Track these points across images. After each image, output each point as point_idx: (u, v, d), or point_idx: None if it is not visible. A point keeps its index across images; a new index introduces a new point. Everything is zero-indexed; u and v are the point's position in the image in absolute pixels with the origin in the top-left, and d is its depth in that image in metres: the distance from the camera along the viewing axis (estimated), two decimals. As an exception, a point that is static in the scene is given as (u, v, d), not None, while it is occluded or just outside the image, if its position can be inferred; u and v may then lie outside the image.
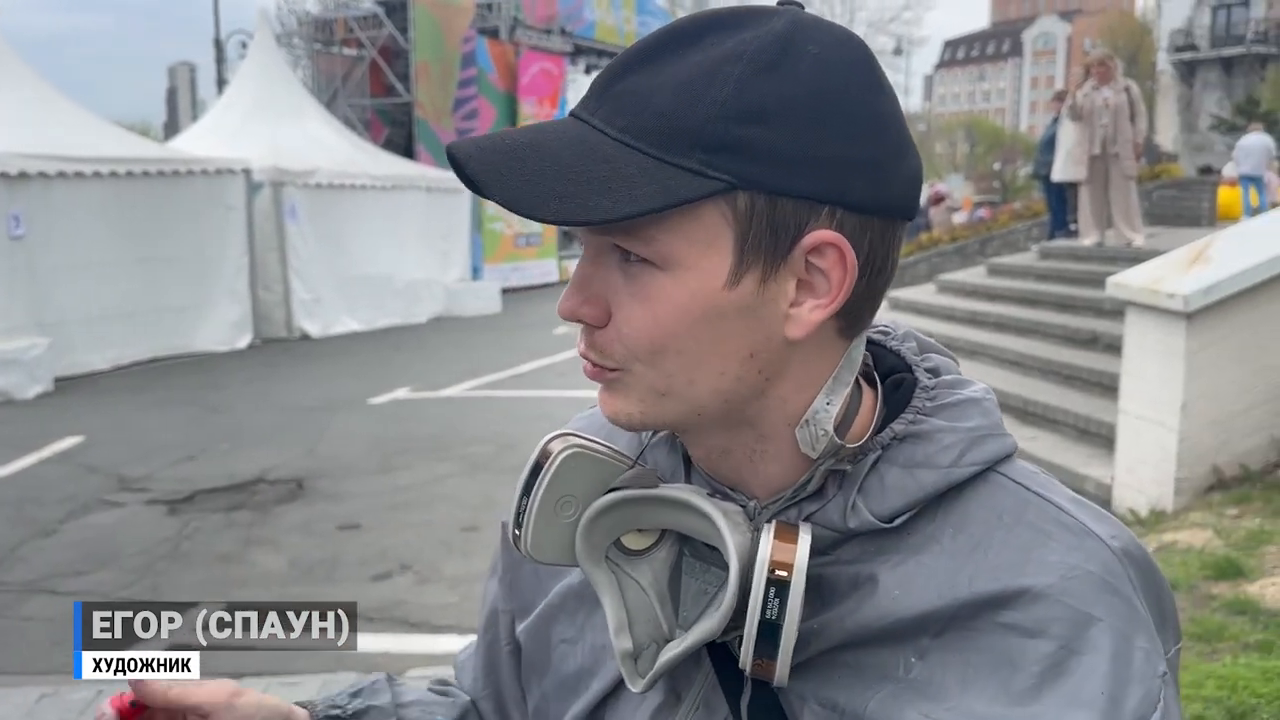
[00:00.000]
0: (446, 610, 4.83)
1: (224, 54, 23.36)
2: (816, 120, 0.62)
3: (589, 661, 0.80)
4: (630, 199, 0.60)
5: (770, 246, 0.63)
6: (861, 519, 0.67)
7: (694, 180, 0.61)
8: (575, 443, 0.73)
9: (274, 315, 14.05)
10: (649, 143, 0.62)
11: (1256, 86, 40.50)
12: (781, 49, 0.62)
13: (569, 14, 22.57)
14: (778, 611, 0.63)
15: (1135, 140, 9.27)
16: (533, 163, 0.62)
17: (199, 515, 6.30)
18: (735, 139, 0.61)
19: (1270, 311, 4.78)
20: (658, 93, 0.62)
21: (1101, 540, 0.66)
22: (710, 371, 0.66)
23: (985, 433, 0.70)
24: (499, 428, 8.59)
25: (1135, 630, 0.64)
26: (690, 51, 0.63)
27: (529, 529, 0.72)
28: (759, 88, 0.61)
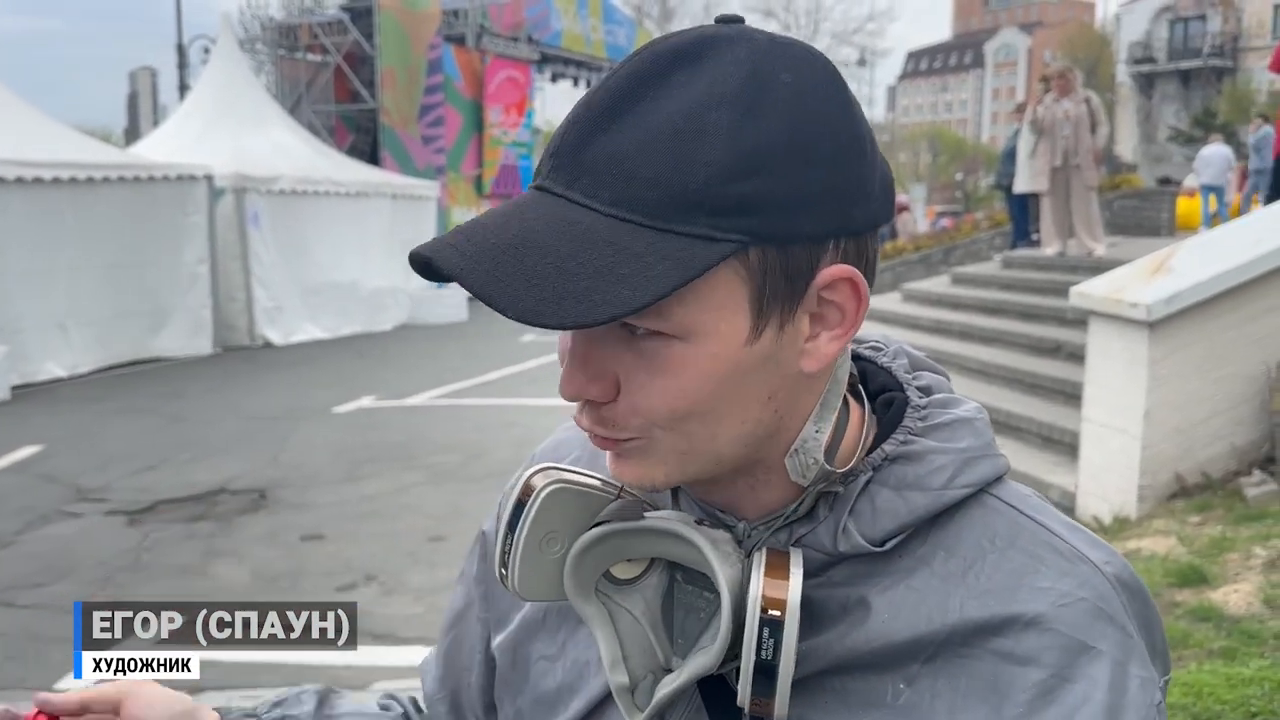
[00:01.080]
0: (412, 622, 4.77)
1: (186, 59, 23.11)
2: (808, 158, 0.59)
3: (570, 679, 0.78)
4: (647, 282, 0.56)
5: (786, 294, 0.61)
6: (852, 542, 0.66)
7: (705, 247, 0.58)
8: (557, 478, 0.71)
9: (236, 323, 13.91)
10: (647, 214, 0.58)
11: (1213, 99, 41.25)
12: (757, 85, 0.59)
13: (536, 22, 22.55)
14: (773, 652, 0.61)
15: (1095, 147, 9.38)
16: (532, 262, 0.57)
17: (159, 526, 6.20)
18: (739, 197, 0.58)
19: (1229, 321, 4.84)
20: (642, 156, 0.58)
21: (1095, 566, 0.65)
22: (733, 423, 0.64)
23: (977, 454, 0.68)
24: (466, 436, 8.54)
25: (1130, 658, 0.63)
26: (660, 97, 0.59)
27: (515, 568, 0.70)
28: (748, 136, 0.58)
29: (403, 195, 16.82)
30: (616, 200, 0.58)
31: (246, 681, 4.18)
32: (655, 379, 0.61)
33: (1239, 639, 3.28)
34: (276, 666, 4.32)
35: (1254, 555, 3.90)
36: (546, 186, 0.61)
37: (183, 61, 23.01)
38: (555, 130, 0.64)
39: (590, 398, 0.63)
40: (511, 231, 0.59)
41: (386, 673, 4.26)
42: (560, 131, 0.62)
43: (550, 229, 0.58)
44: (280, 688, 3.56)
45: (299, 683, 3.55)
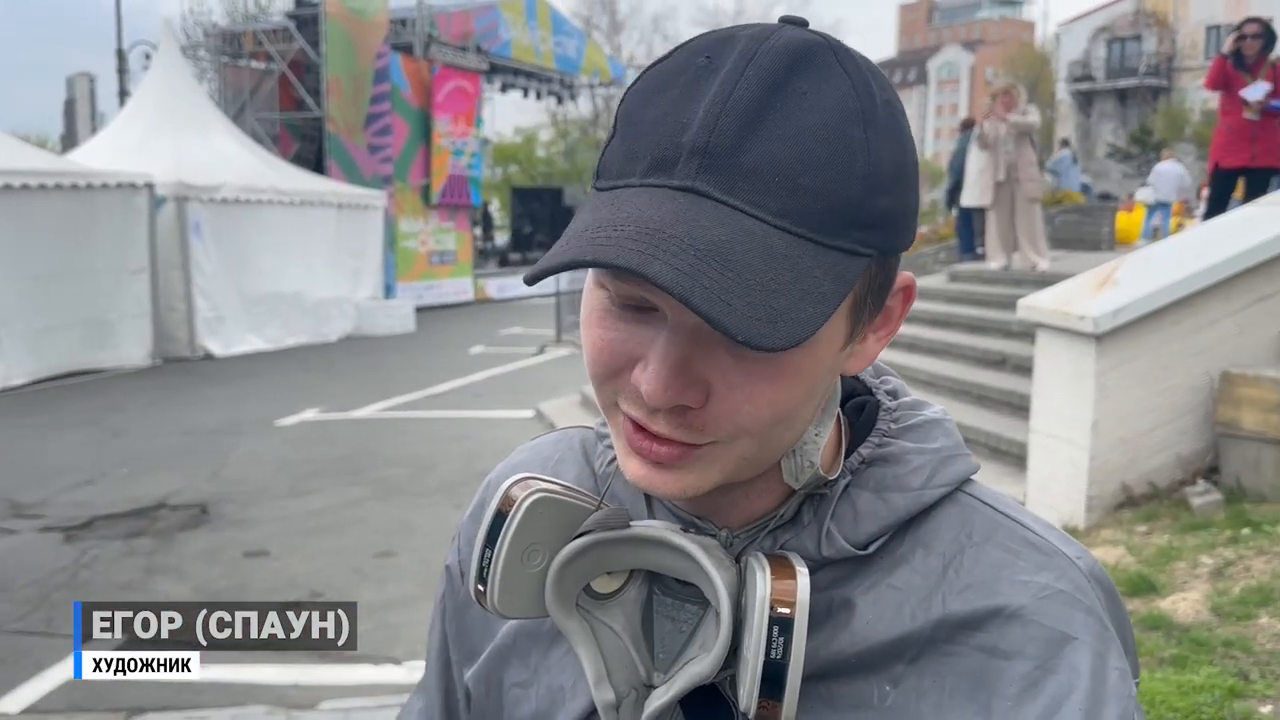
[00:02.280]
0: (360, 639, 4.67)
1: (126, 65, 22.70)
2: (910, 177, 0.62)
3: (544, 705, 0.75)
4: (821, 298, 0.56)
5: (876, 304, 0.64)
6: (836, 546, 0.67)
7: (853, 261, 0.59)
8: (539, 487, 0.68)
9: (177, 334, 13.64)
10: (811, 228, 0.57)
11: (1149, 117, 42.26)
12: (872, 104, 0.59)
13: (484, 32, 22.47)
14: (783, 651, 0.60)
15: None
16: (735, 277, 0.54)
17: (97, 543, 6.03)
18: (880, 212, 0.59)
19: (1173, 334, 4.92)
20: (802, 166, 0.57)
21: (1070, 559, 0.66)
22: (802, 425, 0.65)
23: (951, 453, 0.70)
24: (414, 449, 8.43)
25: (1109, 649, 0.64)
26: (792, 107, 0.58)
27: (495, 583, 0.66)
28: (881, 154, 0.59)
29: (349, 205, 16.63)
30: (784, 211, 0.57)
31: (188, 702, 4.08)
32: (759, 384, 0.60)
33: (1189, 647, 3.31)
34: (222, 685, 4.21)
35: (1200, 564, 3.95)
36: (699, 190, 0.57)
37: (123, 67, 22.59)
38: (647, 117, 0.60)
39: (685, 403, 0.60)
40: (700, 240, 0.55)
41: (334, 691, 4.17)
42: (695, 128, 0.58)
43: (737, 241, 0.56)
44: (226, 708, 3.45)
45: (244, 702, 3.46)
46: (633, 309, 0.61)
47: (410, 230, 20.34)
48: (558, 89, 27.00)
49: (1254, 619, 3.46)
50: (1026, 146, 9.61)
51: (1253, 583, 3.70)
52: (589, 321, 0.64)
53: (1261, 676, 3.12)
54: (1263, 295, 5.01)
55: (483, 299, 22.55)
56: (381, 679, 4.31)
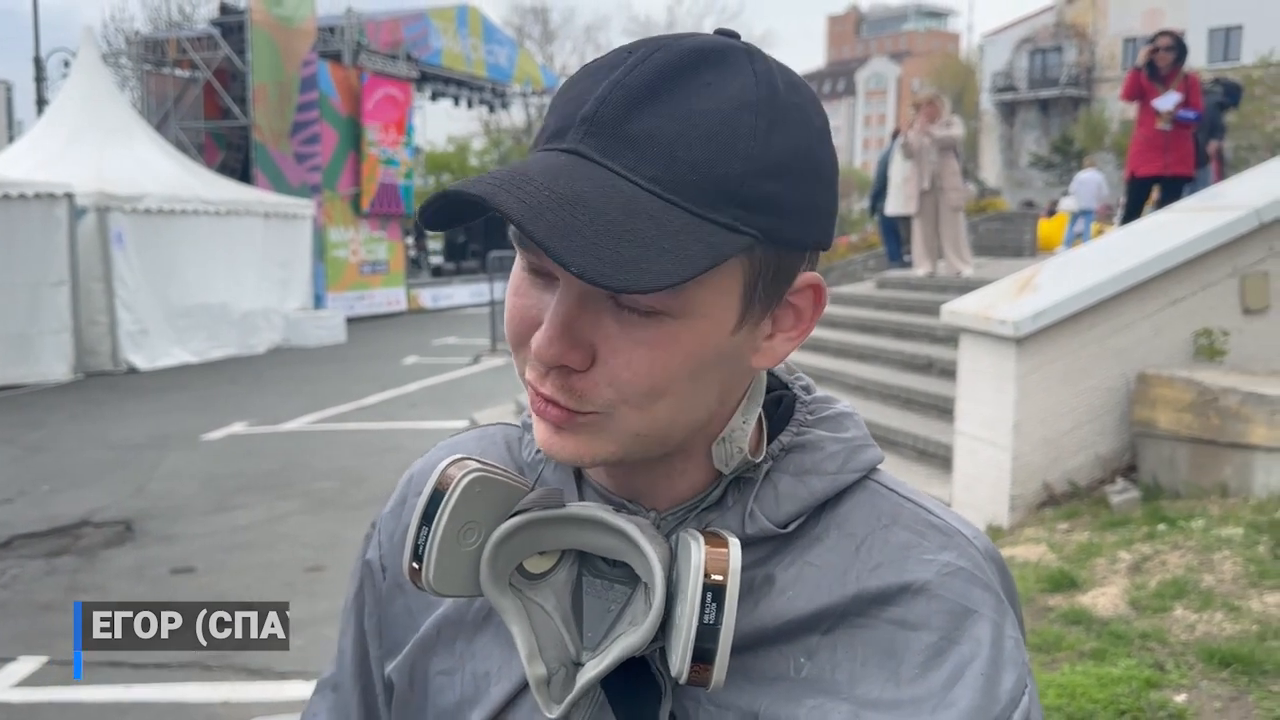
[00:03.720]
0: (290, 655, 4.60)
1: (45, 73, 22.12)
2: (814, 172, 0.65)
3: (469, 691, 0.77)
4: (685, 260, 0.58)
5: (772, 293, 0.66)
6: (759, 525, 0.71)
7: (731, 236, 0.61)
8: (475, 467, 0.70)
9: (99, 348, 13.31)
10: (685, 196, 0.60)
11: (1070, 126, 43.37)
12: (775, 99, 0.63)
13: (415, 40, 22.31)
14: (715, 615, 0.63)
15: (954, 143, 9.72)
16: (587, 221, 0.58)
17: (17, 562, 5.86)
18: (763, 195, 0.62)
19: (1091, 337, 5.06)
20: (683, 141, 0.60)
21: (968, 539, 0.72)
22: (693, 409, 0.67)
23: (861, 442, 0.75)
24: (344, 462, 8.33)
25: (1005, 620, 0.69)
26: (691, 93, 0.61)
27: (431, 561, 0.68)
28: (775, 142, 0.62)
29: (276, 214, 16.38)
30: (658, 178, 0.60)
31: (112, 723, 3.99)
32: (639, 352, 0.63)
33: (1108, 640, 3.41)
34: (147, 705, 4.13)
35: (1119, 560, 4.07)
36: (581, 152, 0.61)
37: (40, 75, 22.02)
38: (564, 98, 0.65)
39: (568, 363, 0.63)
40: (562, 187, 0.59)
41: (263, 708, 4.10)
42: (590, 102, 0.62)
43: (600, 193, 0.59)
44: (150, 729, 3.30)
45: (168, 724, 3.30)
46: (540, 277, 0.65)
47: (340, 240, 20.10)
48: (489, 98, 26.90)
49: (1169, 612, 3.57)
50: (950, 157, 9.80)
51: (1168, 577, 3.82)
52: (509, 291, 0.68)
53: (1176, 667, 3.22)
54: (1176, 298, 5.17)
55: (416, 309, 22.36)
56: (313, 694, 4.25)
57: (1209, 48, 39.10)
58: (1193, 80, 8.37)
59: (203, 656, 4.58)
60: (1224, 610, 3.49)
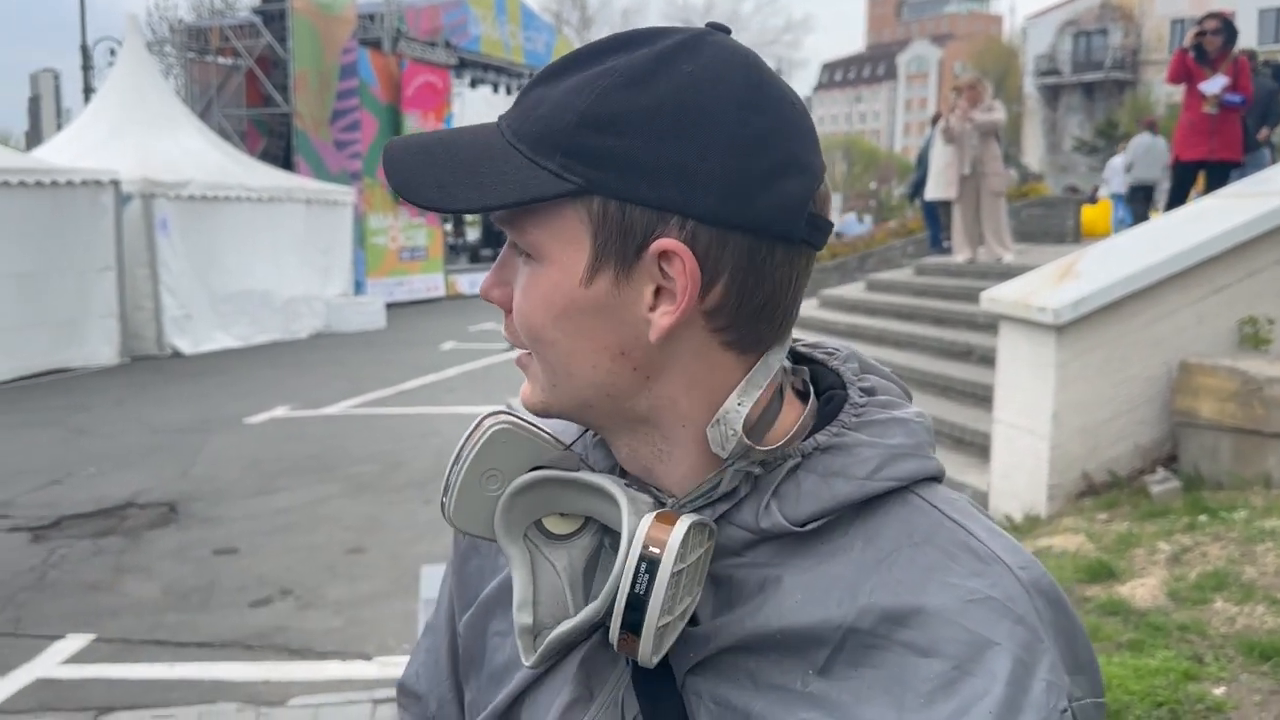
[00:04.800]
0: (330, 636, 4.68)
1: (91, 61, 22.43)
2: (665, 132, 0.64)
3: (514, 655, 0.79)
4: (494, 193, 0.66)
5: (620, 250, 0.66)
6: (774, 520, 0.69)
7: (552, 181, 0.65)
8: (506, 419, 0.75)
9: (144, 332, 13.53)
10: (526, 145, 0.67)
11: (1115, 110, 42.67)
12: (656, 66, 0.66)
13: (454, 27, 22.38)
14: (647, 586, 0.64)
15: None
16: (436, 156, 0.69)
17: (65, 542, 5.99)
18: (590, 146, 0.65)
19: (1132, 325, 5.00)
20: (545, 102, 0.68)
21: (1009, 568, 0.66)
22: (583, 364, 0.70)
23: (906, 451, 0.71)
24: (384, 446, 8.42)
25: (1037, 660, 0.63)
26: (588, 67, 0.67)
27: (453, 497, 0.73)
28: (618, 99, 0.65)
29: (317, 200, 16.53)
30: (514, 130, 0.68)
31: (157, 700, 4.07)
32: (519, 294, 0.70)
33: (1145, 631, 3.38)
34: (191, 683, 4.21)
35: (1159, 550, 4.03)
36: (499, 120, 0.72)
37: (87, 64, 22.33)
38: None
39: (492, 299, 0.73)
40: (446, 136, 0.71)
41: (304, 688, 4.18)
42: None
43: (470, 142, 0.70)
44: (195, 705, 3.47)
45: (214, 700, 3.49)
46: None
47: (380, 226, 20.24)
48: (528, 84, 26.93)
49: (1209, 603, 3.53)
50: (991, 141, 9.70)
51: (1208, 568, 3.78)
52: None
53: (1215, 659, 3.19)
54: (1220, 286, 5.10)
55: (454, 295, 22.47)
56: (351, 675, 4.32)
57: (1259, 29, 38.28)
58: (1241, 63, 8.21)
59: (245, 636, 4.68)
60: (1265, 603, 3.44)
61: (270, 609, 5.01)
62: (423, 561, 4.98)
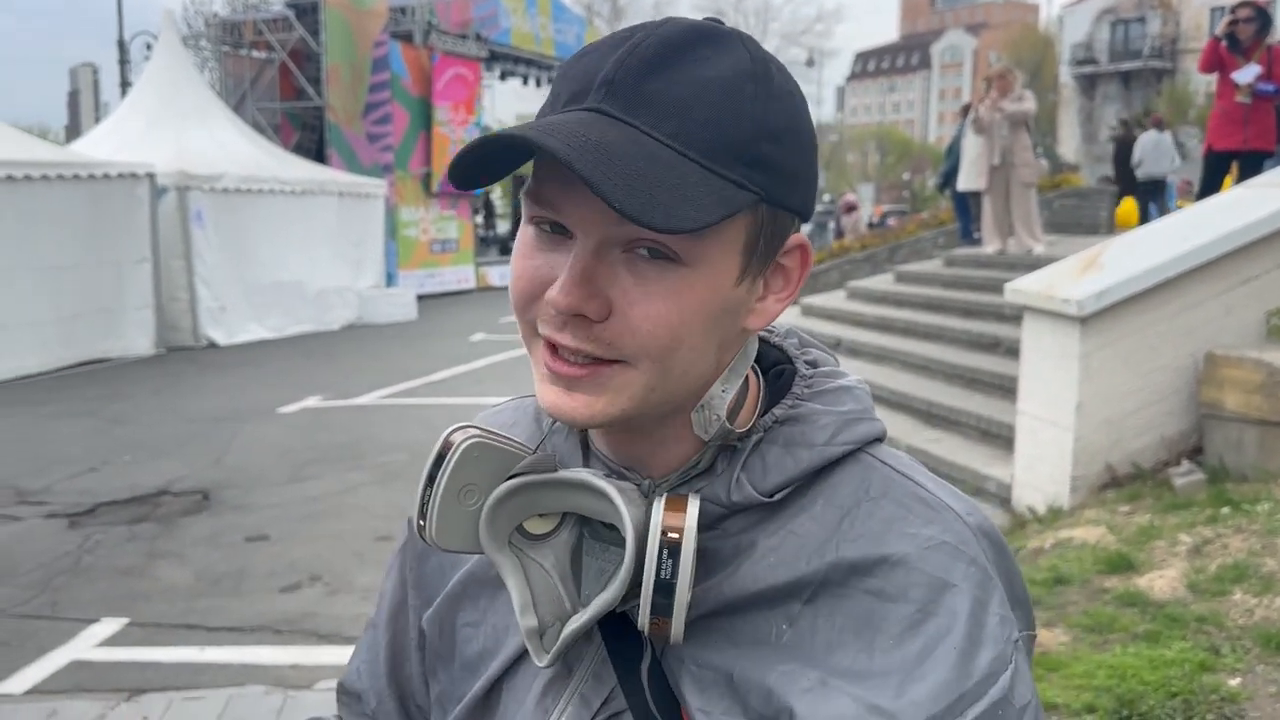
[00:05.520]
0: (358, 621, 4.76)
1: (128, 55, 22.72)
2: (800, 141, 0.70)
3: (490, 643, 0.84)
4: (705, 208, 0.63)
5: (767, 251, 0.71)
6: (745, 493, 0.73)
7: (739, 192, 0.66)
8: (475, 433, 0.76)
9: (180, 323, 13.72)
10: (699, 151, 0.65)
11: (1153, 99, 42.02)
12: (766, 75, 0.69)
13: (484, 20, 22.45)
14: (671, 570, 0.67)
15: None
16: (619, 166, 0.62)
17: (100, 528, 6.12)
18: (765, 156, 0.67)
19: (1157, 316, 4.97)
20: (696, 102, 0.66)
21: (958, 514, 0.72)
22: (704, 362, 0.71)
23: (856, 416, 0.76)
24: (413, 436, 8.50)
25: (989, 596, 0.69)
26: (694, 62, 0.67)
27: (433, 518, 0.74)
28: (776, 110, 0.68)
29: (350, 193, 16.68)
30: (675, 134, 0.65)
31: (188, 683, 4.17)
32: (659, 301, 0.67)
33: (1163, 623, 3.38)
34: (221, 666, 4.30)
35: (1179, 543, 4.02)
36: (604, 110, 0.66)
37: (124, 58, 22.63)
38: (574, 69, 0.70)
39: (585, 312, 0.67)
40: (593, 137, 0.63)
41: (332, 672, 4.25)
42: (609, 66, 0.67)
43: (625, 143, 0.64)
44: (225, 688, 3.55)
45: (243, 683, 3.57)
46: (550, 236, 0.69)
47: (411, 219, 20.37)
48: (558, 76, 26.95)
49: (1228, 595, 3.53)
50: (1022, 132, 9.63)
51: (1229, 560, 3.77)
52: (515, 255, 0.72)
53: (1232, 650, 3.19)
54: (1248, 277, 5.06)
55: (485, 287, 22.58)
56: (378, 659, 4.39)
57: (1301, 16, 37.60)
58: (1275, 52, 8.09)
59: (274, 621, 4.76)
60: (1285, 594, 3.44)
61: (300, 595, 5.10)
62: (448, 549, 5.04)
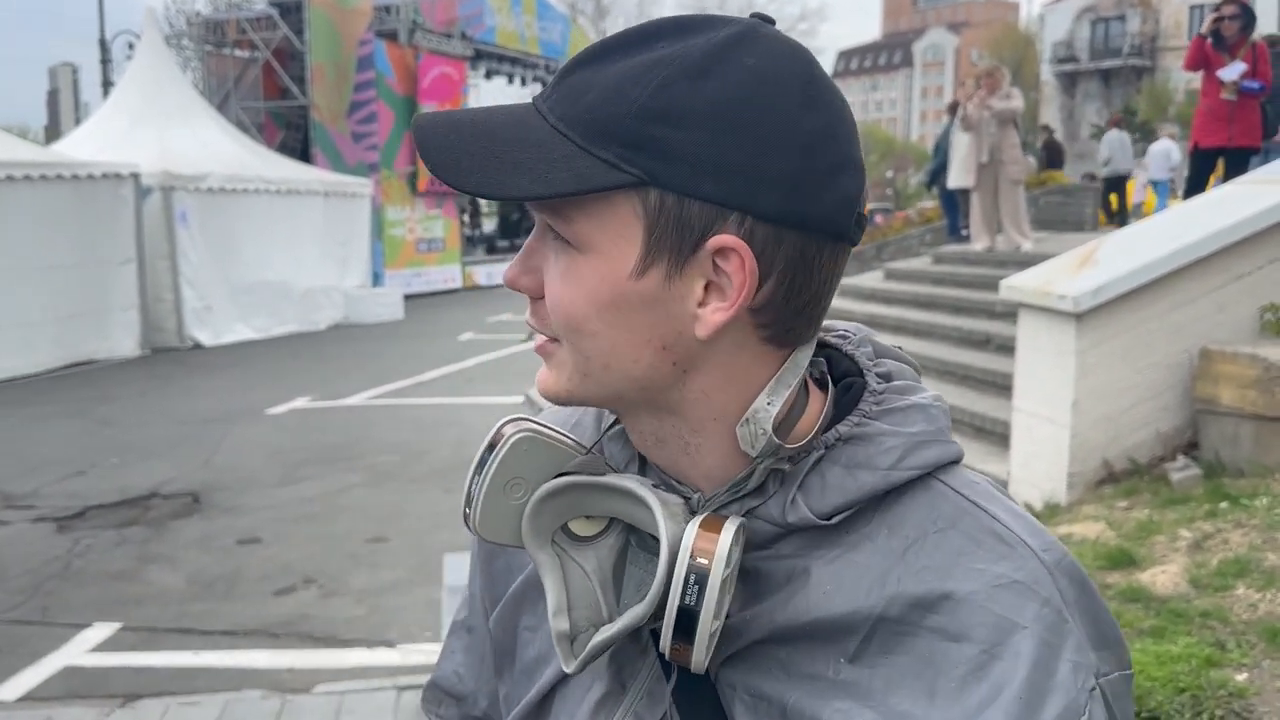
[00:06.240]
0: (353, 624, 4.73)
1: (109, 55, 22.55)
2: (731, 128, 0.63)
3: (545, 649, 0.81)
4: (545, 181, 0.63)
5: (676, 244, 0.65)
6: (800, 514, 0.69)
7: (608, 171, 0.63)
8: (528, 427, 0.74)
9: (165, 324, 13.63)
10: (577, 133, 0.64)
11: (1133, 97, 42.30)
12: (716, 57, 0.64)
13: (469, 18, 22.39)
14: (696, 598, 0.64)
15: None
16: (471, 138, 0.66)
17: (90, 532, 6.07)
18: (649, 138, 0.63)
19: (1153, 312, 4.98)
20: (594, 88, 0.65)
21: (1033, 550, 0.67)
22: (623, 358, 0.68)
23: (928, 439, 0.70)
24: (405, 436, 8.47)
25: (1062, 641, 0.64)
26: (638, 53, 0.65)
27: (478, 507, 0.73)
28: (679, 92, 0.63)
29: (335, 193, 16.60)
30: (562, 116, 0.66)
31: (183, 688, 4.12)
32: (557, 283, 0.68)
33: (1167, 618, 3.38)
34: (217, 671, 4.26)
35: (1180, 537, 4.02)
36: (534, 99, 0.70)
37: (106, 57, 22.45)
38: None
39: (519, 287, 0.71)
40: (479, 116, 0.68)
41: (329, 675, 4.22)
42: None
43: (506, 124, 0.67)
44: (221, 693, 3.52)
45: (239, 688, 3.54)
46: None
47: (397, 218, 20.30)
48: (543, 75, 26.87)
49: (1231, 590, 3.53)
50: (1010, 129, 9.66)
51: (1230, 555, 3.77)
52: None
53: (1238, 646, 3.19)
54: (1240, 273, 5.07)
55: (471, 286, 22.54)
56: (375, 662, 4.36)
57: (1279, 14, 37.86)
58: (1260, 49, 8.14)
59: (269, 624, 4.72)
60: (1287, 589, 3.44)
61: (294, 597, 5.07)
62: (444, 550, 5.02)
